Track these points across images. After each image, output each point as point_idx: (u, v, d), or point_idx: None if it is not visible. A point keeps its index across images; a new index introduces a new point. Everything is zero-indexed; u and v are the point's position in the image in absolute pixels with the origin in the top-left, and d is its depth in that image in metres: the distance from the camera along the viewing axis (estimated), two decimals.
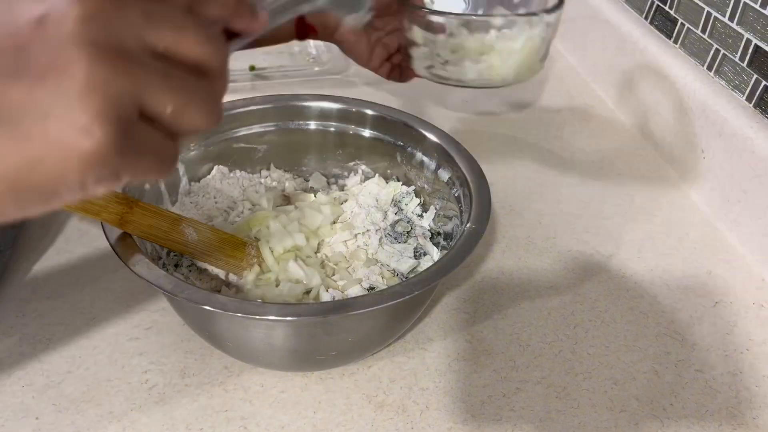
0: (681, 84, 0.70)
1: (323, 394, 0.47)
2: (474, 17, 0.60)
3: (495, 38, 0.53)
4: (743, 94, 0.65)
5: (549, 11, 0.54)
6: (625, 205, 0.67)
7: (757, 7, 0.61)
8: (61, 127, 0.21)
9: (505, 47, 0.54)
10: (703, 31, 0.69)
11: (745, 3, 0.63)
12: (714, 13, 0.67)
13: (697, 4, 0.70)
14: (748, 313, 0.56)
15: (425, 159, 0.55)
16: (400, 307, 0.44)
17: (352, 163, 0.60)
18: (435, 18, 0.54)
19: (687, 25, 0.72)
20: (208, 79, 0.24)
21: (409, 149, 0.56)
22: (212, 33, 0.25)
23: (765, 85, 0.62)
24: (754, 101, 0.63)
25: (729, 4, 0.65)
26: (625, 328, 0.54)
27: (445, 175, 0.53)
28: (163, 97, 0.23)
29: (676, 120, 0.71)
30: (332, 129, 0.58)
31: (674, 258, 0.61)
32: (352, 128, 0.58)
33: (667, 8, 0.75)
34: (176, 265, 0.51)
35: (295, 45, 0.90)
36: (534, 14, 0.54)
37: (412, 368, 0.49)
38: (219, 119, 0.25)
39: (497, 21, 0.53)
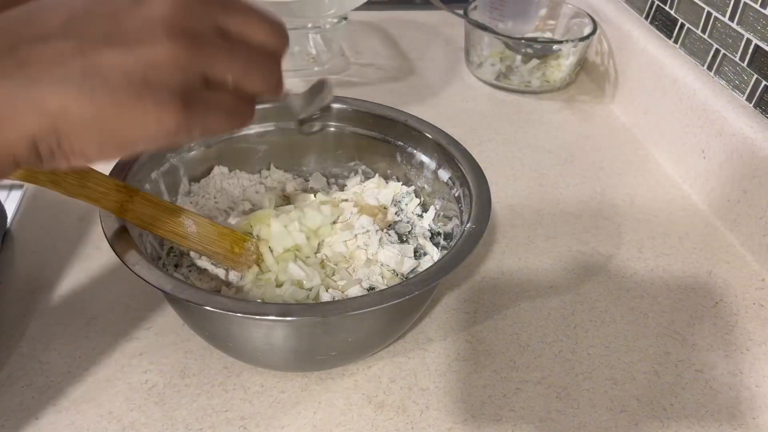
0: (681, 84, 0.70)
1: (323, 394, 0.47)
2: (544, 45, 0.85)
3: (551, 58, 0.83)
4: (743, 94, 0.65)
5: (585, 38, 0.82)
6: (625, 205, 0.67)
7: (757, 7, 0.61)
8: (141, 90, 0.26)
9: (558, 63, 0.84)
10: (703, 31, 0.70)
11: (745, 3, 0.63)
12: (714, 13, 0.67)
13: (697, 4, 0.70)
14: (748, 313, 0.56)
15: (425, 159, 0.55)
16: (400, 307, 0.44)
17: (352, 163, 0.60)
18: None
19: (687, 25, 0.72)
20: (266, 55, 0.30)
21: (409, 149, 0.56)
22: (273, 22, 0.31)
23: (765, 85, 0.62)
24: (754, 101, 0.63)
25: (729, 4, 0.65)
26: (625, 328, 0.54)
27: (445, 175, 0.53)
28: (224, 68, 0.29)
29: (676, 120, 0.71)
30: (332, 129, 0.58)
31: (674, 258, 0.61)
32: (352, 128, 0.58)
33: (667, 8, 0.75)
34: (176, 266, 0.51)
35: (295, 45, 0.90)
36: (578, 39, 0.82)
37: (412, 368, 0.49)
38: (279, 86, 0.31)
39: (556, 46, 0.83)
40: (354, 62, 0.89)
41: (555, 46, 0.83)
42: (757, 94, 0.63)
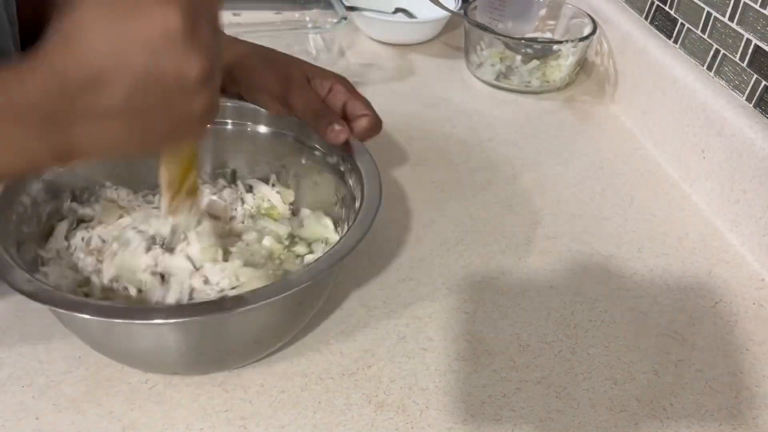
0: (681, 84, 0.70)
1: (323, 394, 0.47)
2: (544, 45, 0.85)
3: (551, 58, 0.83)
4: (743, 94, 0.65)
5: (585, 38, 0.82)
6: (625, 205, 0.67)
7: (757, 7, 0.61)
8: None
9: (557, 63, 0.84)
10: (703, 31, 0.70)
11: (745, 3, 0.63)
12: (714, 13, 0.67)
13: (697, 4, 0.70)
14: (748, 313, 0.56)
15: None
16: (293, 299, 0.44)
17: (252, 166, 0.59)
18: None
19: (687, 25, 0.72)
20: None
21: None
22: None
23: (765, 85, 0.62)
24: (754, 101, 0.63)
25: (729, 4, 0.65)
26: (625, 328, 0.54)
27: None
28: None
29: (676, 120, 0.71)
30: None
31: (674, 258, 0.61)
32: (249, 125, 0.57)
33: (667, 8, 0.75)
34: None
35: (295, 45, 0.90)
36: (578, 40, 0.82)
37: (412, 368, 0.49)
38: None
39: (556, 46, 0.83)
40: (354, 62, 0.89)
41: (555, 47, 0.83)
42: (757, 94, 0.63)
